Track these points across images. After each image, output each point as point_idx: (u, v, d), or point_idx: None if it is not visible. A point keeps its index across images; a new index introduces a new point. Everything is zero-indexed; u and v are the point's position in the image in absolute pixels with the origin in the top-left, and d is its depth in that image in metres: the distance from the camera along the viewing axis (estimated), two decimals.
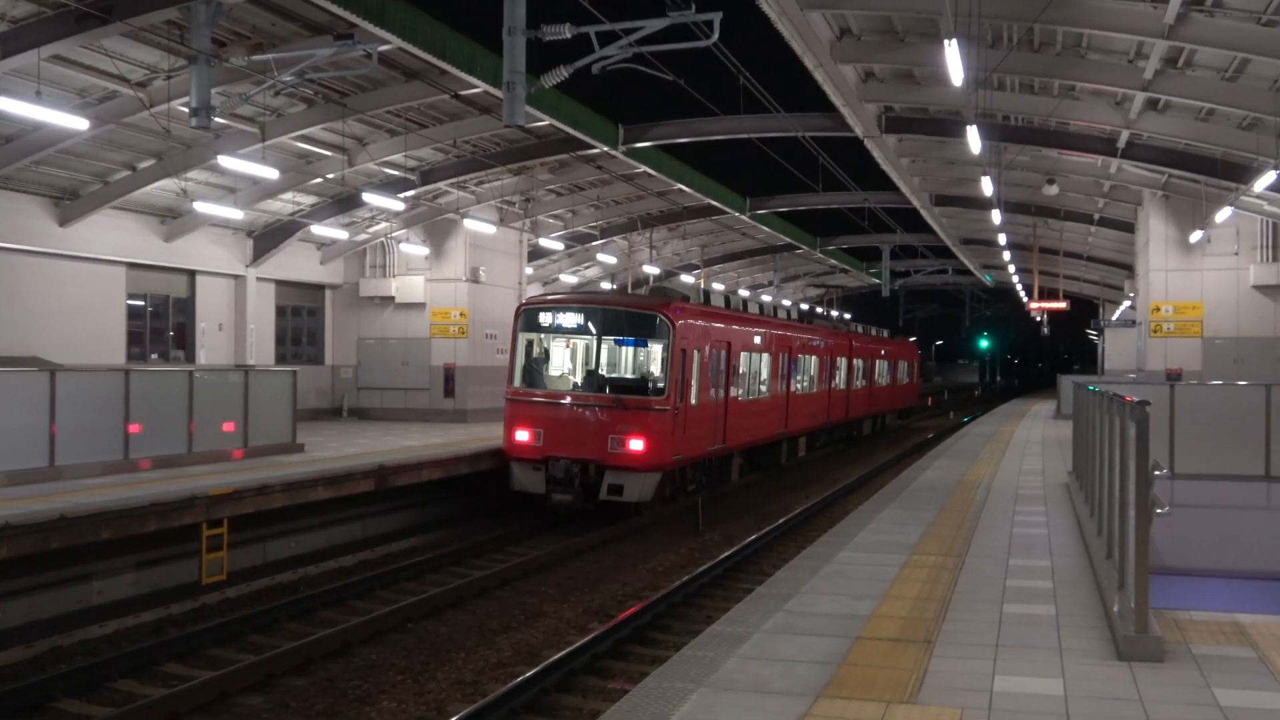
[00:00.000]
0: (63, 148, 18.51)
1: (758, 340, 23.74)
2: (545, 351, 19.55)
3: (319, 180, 23.43)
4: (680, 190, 28.75)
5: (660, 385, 18.34)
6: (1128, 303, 38.49)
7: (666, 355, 18.39)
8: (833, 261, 47.69)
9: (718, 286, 42.76)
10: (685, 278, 42.09)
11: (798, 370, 27.30)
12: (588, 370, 19.12)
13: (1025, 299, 46.82)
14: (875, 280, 51.21)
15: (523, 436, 18.50)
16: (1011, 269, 44.26)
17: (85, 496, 12.52)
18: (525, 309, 19.73)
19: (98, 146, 19.44)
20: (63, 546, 11.46)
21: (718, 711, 5.78)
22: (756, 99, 18.52)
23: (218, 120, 16.67)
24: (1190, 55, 15.87)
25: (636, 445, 17.76)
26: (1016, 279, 47.57)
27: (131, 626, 11.98)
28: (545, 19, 13.91)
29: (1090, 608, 8.12)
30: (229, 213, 22.57)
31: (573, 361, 20.15)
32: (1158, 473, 6.95)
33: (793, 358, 26.63)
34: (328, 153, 22.14)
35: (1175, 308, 25.39)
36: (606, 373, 19.29)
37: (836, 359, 31.93)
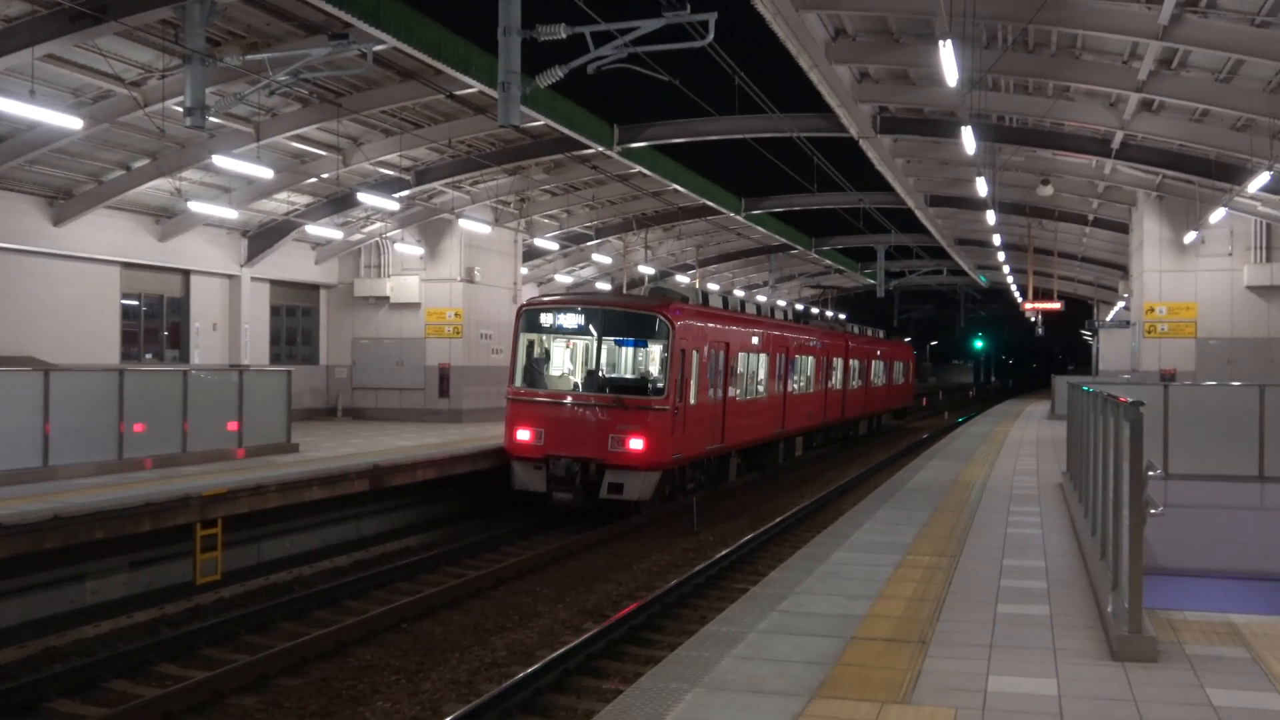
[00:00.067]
0: (57, 147, 18.48)
1: (755, 341, 23.84)
2: (546, 352, 19.66)
3: (314, 180, 23.42)
4: (675, 190, 28.75)
5: (660, 385, 18.46)
6: (1122, 303, 38.52)
7: (666, 356, 18.52)
8: (828, 262, 47.69)
9: (713, 287, 42.75)
10: (680, 278, 42.11)
11: (795, 371, 27.39)
12: (588, 370, 19.22)
13: (1020, 299, 46.83)
14: (870, 281, 51.24)
15: (524, 436, 18.62)
16: (1006, 269, 44.36)
17: (79, 496, 12.50)
18: (526, 309, 19.82)
19: (92, 146, 19.41)
20: (56, 547, 11.45)
21: (712, 711, 5.78)
22: (752, 99, 18.57)
23: (212, 120, 16.63)
24: (1184, 56, 15.90)
25: (636, 444, 17.92)
26: (1011, 279, 47.64)
27: (125, 626, 11.95)
28: (540, 19, 13.92)
29: (1084, 608, 8.13)
30: (223, 212, 22.54)
31: (573, 362, 20.23)
32: (1152, 473, 6.96)
33: (790, 358, 26.72)
34: (322, 152, 22.12)
35: (1169, 308, 25.43)
36: (607, 373, 19.37)
37: (833, 359, 32.02)
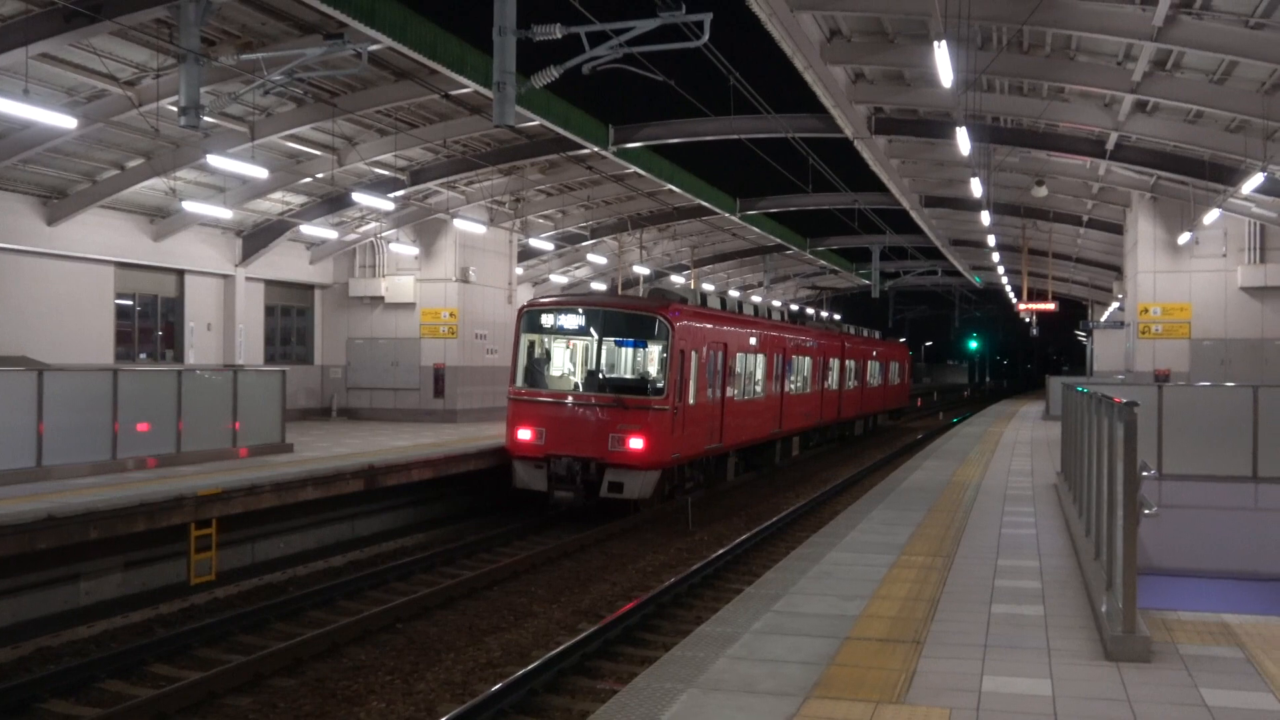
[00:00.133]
0: (51, 146, 18.44)
1: (753, 342, 23.98)
2: (547, 352, 19.81)
3: (308, 180, 23.38)
4: (670, 191, 28.76)
5: (659, 385, 18.59)
6: (1116, 304, 38.59)
7: (665, 356, 18.66)
8: (823, 263, 47.72)
9: (707, 287, 42.78)
10: (675, 278, 42.13)
11: (792, 371, 27.53)
12: (589, 370, 19.35)
13: (1014, 300, 46.96)
14: (865, 281, 51.32)
15: (525, 435, 18.77)
16: (1000, 270, 44.42)
17: (73, 497, 12.47)
18: (528, 310, 19.94)
19: (86, 145, 19.37)
20: (50, 547, 11.43)
21: (707, 712, 5.78)
22: (746, 100, 18.59)
23: (207, 119, 16.59)
24: (1179, 58, 15.94)
25: (636, 444, 18.07)
26: (1005, 280, 47.73)
27: (119, 627, 11.93)
28: (535, 19, 13.91)
29: (1078, 608, 8.15)
30: (218, 212, 22.50)
31: (574, 362, 20.35)
32: (1146, 474, 6.98)
33: (787, 359, 26.84)
34: (317, 152, 22.10)
35: (1163, 309, 25.49)
36: (607, 373, 19.49)
37: (829, 360, 32.13)
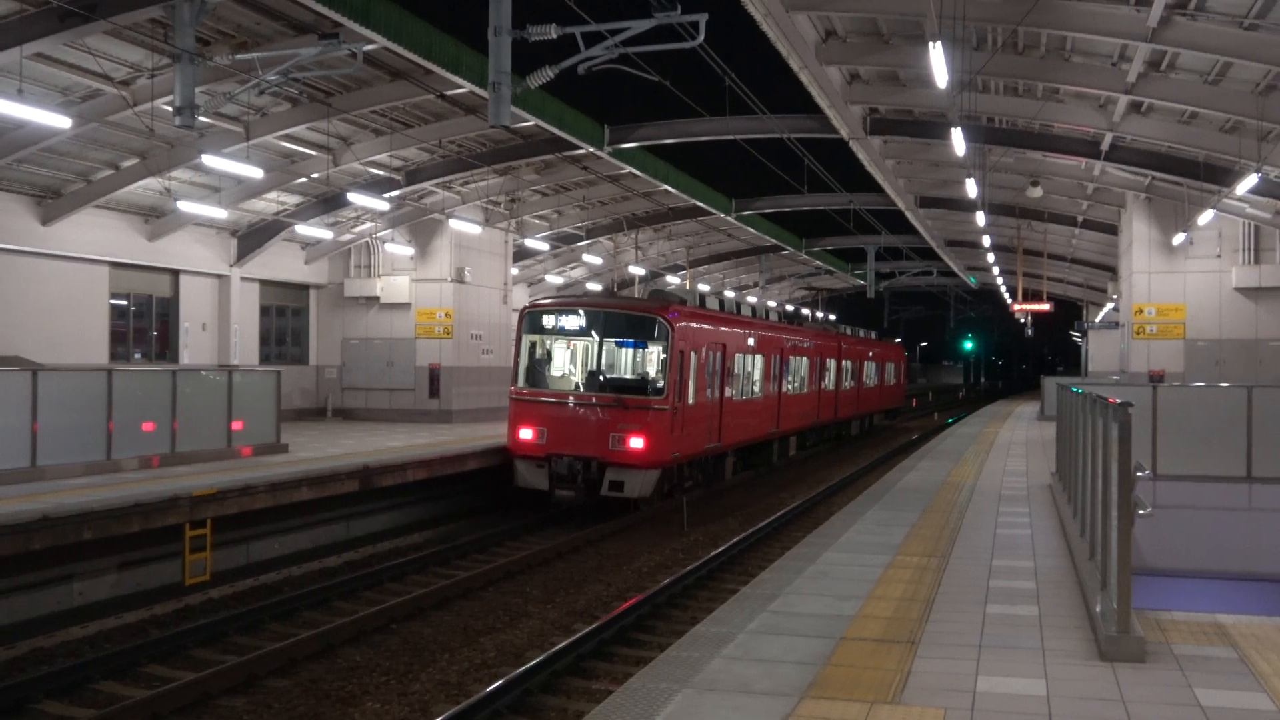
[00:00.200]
0: (45, 146, 18.39)
1: (751, 342, 24.14)
2: (548, 352, 19.96)
3: (303, 180, 23.35)
4: (666, 191, 28.75)
5: (659, 385, 18.74)
6: (1111, 305, 38.68)
7: (665, 356, 18.82)
8: (818, 263, 47.75)
9: (703, 288, 42.79)
10: (671, 279, 42.12)
11: (789, 371, 27.66)
12: (589, 371, 19.50)
13: (1009, 301, 47.03)
14: (860, 281, 51.32)
15: (527, 435, 18.94)
16: (996, 271, 44.44)
17: (67, 497, 12.45)
18: (529, 311, 20.08)
19: (81, 145, 19.33)
20: (44, 547, 11.40)
21: (702, 712, 5.78)
22: (742, 100, 18.56)
23: (201, 119, 16.58)
24: (1173, 59, 15.96)
25: (637, 443, 18.25)
26: (1000, 281, 47.76)
27: (114, 627, 11.91)
28: (531, 19, 13.90)
29: (1073, 608, 8.15)
30: (213, 212, 22.46)
31: (575, 362, 20.47)
32: (1140, 474, 6.98)
33: (784, 359, 26.99)
34: (312, 152, 22.07)
35: (1158, 310, 25.54)
36: (608, 373, 19.61)
37: (826, 360, 32.27)
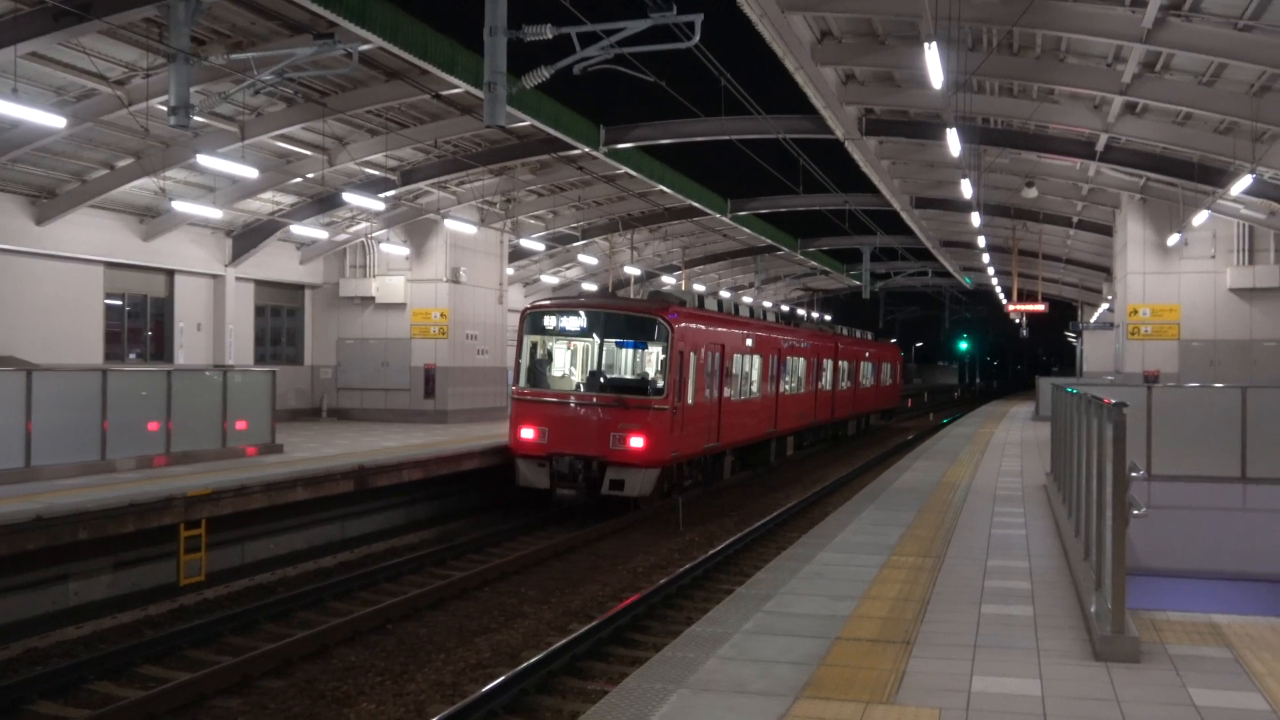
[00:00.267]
0: (40, 146, 18.37)
1: (749, 343, 24.29)
2: (549, 353, 20.12)
3: (299, 180, 23.33)
4: (661, 191, 28.76)
5: (659, 385, 18.88)
6: (1106, 305, 38.70)
7: (665, 357, 18.97)
8: (813, 263, 47.79)
9: (698, 288, 42.79)
10: (667, 279, 42.14)
11: (787, 372, 27.80)
12: (590, 371, 19.65)
13: (1004, 301, 46.99)
14: (855, 282, 51.34)
15: (528, 434, 19.07)
16: (991, 271, 44.50)
17: (62, 497, 12.42)
18: (530, 312, 20.21)
19: (75, 145, 19.29)
20: (39, 548, 11.37)
21: (697, 712, 5.78)
22: (737, 101, 18.58)
23: (197, 119, 16.56)
24: (1168, 60, 15.99)
25: (637, 443, 18.39)
26: (996, 281, 47.79)
27: (109, 628, 11.89)
28: (526, 19, 13.90)
29: (1068, 608, 8.16)
30: (208, 212, 22.43)
31: (576, 363, 20.59)
32: (1135, 474, 6.99)
33: (781, 360, 27.13)
34: (308, 152, 22.04)
35: (1153, 310, 25.57)
36: (608, 373, 19.72)
37: (823, 361, 32.40)
